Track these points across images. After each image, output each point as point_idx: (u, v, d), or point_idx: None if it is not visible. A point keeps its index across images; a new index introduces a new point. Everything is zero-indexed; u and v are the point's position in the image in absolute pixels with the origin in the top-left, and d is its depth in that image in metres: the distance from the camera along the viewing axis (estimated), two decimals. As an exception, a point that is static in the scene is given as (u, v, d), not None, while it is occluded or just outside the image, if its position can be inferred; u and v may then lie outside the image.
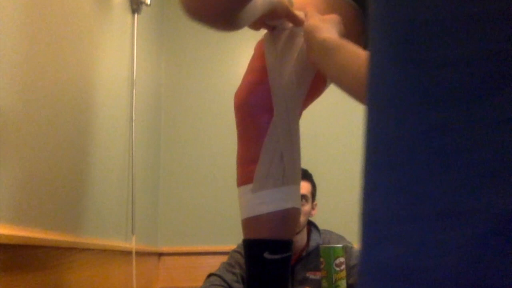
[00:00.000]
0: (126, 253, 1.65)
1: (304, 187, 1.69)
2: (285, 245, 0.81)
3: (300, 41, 0.84)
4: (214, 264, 1.76)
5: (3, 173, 0.87)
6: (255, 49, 0.89)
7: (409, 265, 0.31)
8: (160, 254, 2.30)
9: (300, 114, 0.87)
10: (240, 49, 2.50)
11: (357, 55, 0.71)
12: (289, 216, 0.81)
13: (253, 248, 0.82)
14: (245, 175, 0.82)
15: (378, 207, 0.34)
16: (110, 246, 1.49)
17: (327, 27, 0.77)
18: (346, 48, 0.73)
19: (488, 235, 0.28)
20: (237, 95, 0.84)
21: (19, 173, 0.94)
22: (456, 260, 0.29)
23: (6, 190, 0.89)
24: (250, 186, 0.81)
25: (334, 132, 2.48)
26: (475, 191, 0.29)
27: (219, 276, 1.62)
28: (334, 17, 0.81)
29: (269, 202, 0.79)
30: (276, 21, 0.85)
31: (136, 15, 1.86)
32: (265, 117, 0.81)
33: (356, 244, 1.78)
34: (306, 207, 1.69)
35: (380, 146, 0.36)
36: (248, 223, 0.82)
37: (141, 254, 1.89)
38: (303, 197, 1.67)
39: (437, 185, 0.31)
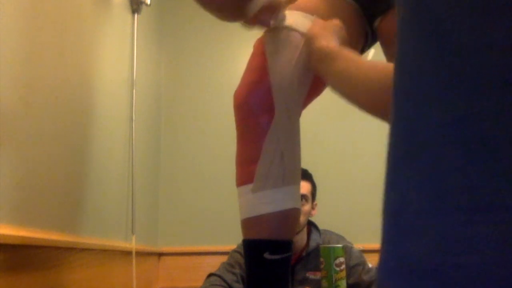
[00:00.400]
0: (126, 253, 1.65)
1: (304, 187, 1.69)
2: (285, 245, 0.81)
3: (300, 41, 0.83)
4: (214, 264, 1.76)
5: (3, 173, 0.87)
6: (255, 47, 0.89)
7: (436, 260, 0.30)
8: (160, 254, 2.30)
9: (300, 112, 0.87)
10: (240, 49, 2.50)
11: (354, 63, 0.72)
12: (289, 216, 0.81)
13: (253, 248, 0.81)
14: (245, 175, 0.82)
15: (402, 200, 0.33)
16: (110, 246, 1.49)
17: (326, 35, 0.78)
18: (343, 56, 0.74)
19: None
20: (237, 95, 0.84)
21: (19, 173, 0.94)
22: (486, 256, 0.28)
23: (6, 190, 0.88)
24: (250, 186, 0.80)
25: (334, 132, 2.48)
26: (504, 186, 0.28)
27: (219, 276, 1.62)
28: (336, 24, 0.81)
29: (269, 202, 0.79)
30: (269, 16, 0.84)
31: (136, 15, 1.86)
32: (265, 117, 0.80)
33: (356, 244, 1.78)
34: (306, 207, 1.69)
35: (404, 138, 0.35)
36: (248, 223, 0.81)
37: (141, 254, 1.89)
38: (303, 197, 1.67)
39: (464, 178, 0.30)
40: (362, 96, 0.70)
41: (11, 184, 0.90)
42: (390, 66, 0.54)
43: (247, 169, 0.81)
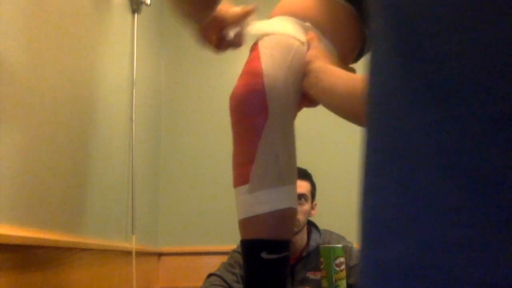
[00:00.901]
0: (126, 253, 1.65)
1: (304, 186, 1.69)
2: (283, 244, 0.81)
3: (294, 45, 0.85)
4: (214, 264, 1.77)
5: (3, 173, 0.87)
6: (251, 51, 0.90)
7: (420, 262, 0.30)
8: (160, 254, 2.30)
9: (295, 115, 0.87)
10: (240, 49, 2.50)
11: (342, 78, 0.78)
12: (286, 216, 0.81)
13: (251, 248, 0.82)
14: (241, 176, 0.82)
15: (380, 205, 0.34)
16: (110, 246, 1.49)
17: (320, 57, 0.84)
18: (332, 73, 0.80)
19: (501, 232, 0.27)
20: (233, 96, 0.85)
21: (19, 173, 0.94)
22: (469, 257, 0.28)
23: (6, 190, 0.89)
24: (246, 186, 0.81)
25: (333, 132, 2.47)
26: (483, 188, 0.28)
27: (219, 276, 1.62)
28: (329, 53, 0.87)
29: (265, 202, 0.79)
30: (213, 33, 0.92)
31: (136, 15, 1.86)
32: (260, 118, 0.81)
33: (356, 244, 1.78)
34: (306, 206, 1.69)
35: (380, 143, 0.35)
36: (245, 224, 0.82)
37: (141, 254, 1.89)
38: (303, 196, 1.67)
39: (444, 181, 0.30)
40: (349, 109, 0.78)
41: (11, 184, 0.90)
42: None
43: (243, 170, 0.82)
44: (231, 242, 1.76)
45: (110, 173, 1.56)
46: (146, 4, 1.89)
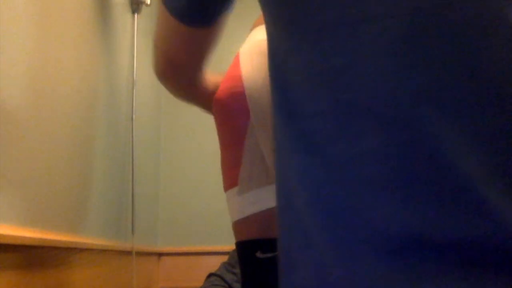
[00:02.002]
0: (126, 253, 1.65)
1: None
2: (277, 242, 0.82)
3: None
4: (214, 264, 1.76)
5: (3, 173, 0.87)
6: (234, 60, 0.95)
7: (313, 284, 0.34)
8: (160, 254, 2.30)
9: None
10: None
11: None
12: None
13: (245, 249, 0.82)
14: (230, 179, 0.83)
15: (289, 237, 0.39)
16: (110, 246, 1.49)
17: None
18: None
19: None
20: (216, 100, 0.87)
21: (19, 173, 0.94)
22: (353, 270, 0.32)
23: (6, 190, 0.89)
24: (236, 189, 0.81)
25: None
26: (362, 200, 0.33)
27: (219, 276, 1.62)
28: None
29: (254, 202, 0.80)
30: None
31: (136, 15, 1.86)
32: (242, 120, 0.82)
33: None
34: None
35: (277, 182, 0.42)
36: (238, 226, 0.83)
37: (141, 254, 1.89)
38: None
39: (316, 216, 0.35)
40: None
41: (11, 184, 0.90)
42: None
43: (231, 173, 0.83)
44: (231, 242, 1.75)
45: (110, 173, 1.56)
46: (146, 4, 1.89)
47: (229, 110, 0.84)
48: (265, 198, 0.80)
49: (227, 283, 1.61)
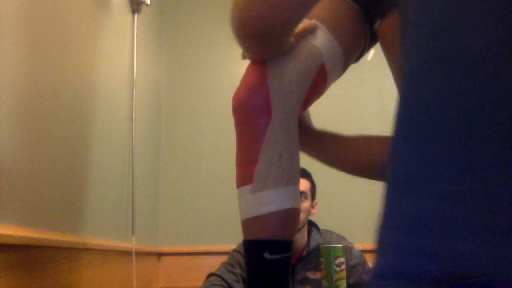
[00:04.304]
0: (126, 253, 1.65)
1: (303, 184, 1.69)
2: (285, 245, 0.81)
3: (298, 44, 0.84)
4: (214, 264, 1.76)
5: (3, 173, 0.87)
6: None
7: (431, 213, 0.33)
8: (160, 254, 2.30)
9: (298, 115, 0.87)
10: (240, 49, 2.49)
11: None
12: (288, 217, 0.81)
13: (253, 249, 0.82)
14: (245, 176, 0.82)
15: (400, 168, 0.38)
16: (110, 246, 1.49)
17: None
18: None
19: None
20: (236, 97, 0.85)
21: (19, 173, 0.94)
22: (479, 207, 0.31)
23: (6, 190, 0.89)
24: (249, 187, 0.81)
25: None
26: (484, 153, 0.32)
27: (219, 276, 1.62)
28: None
29: (268, 202, 0.79)
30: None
31: (136, 15, 1.86)
32: (263, 119, 0.81)
33: (356, 244, 1.78)
34: (306, 204, 1.69)
35: (401, 117, 0.40)
36: (248, 224, 0.82)
37: (141, 254, 1.89)
38: (302, 194, 1.67)
39: (451, 146, 0.34)
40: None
41: (11, 184, 0.90)
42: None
43: (246, 170, 0.82)
44: (231, 242, 1.75)
45: (110, 173, 1.56)
46: (146, 4, 1.89)
47: (250, 108, 0.82)
48: (279, 200, 0.80)
49: (227, 283, 1.61)
